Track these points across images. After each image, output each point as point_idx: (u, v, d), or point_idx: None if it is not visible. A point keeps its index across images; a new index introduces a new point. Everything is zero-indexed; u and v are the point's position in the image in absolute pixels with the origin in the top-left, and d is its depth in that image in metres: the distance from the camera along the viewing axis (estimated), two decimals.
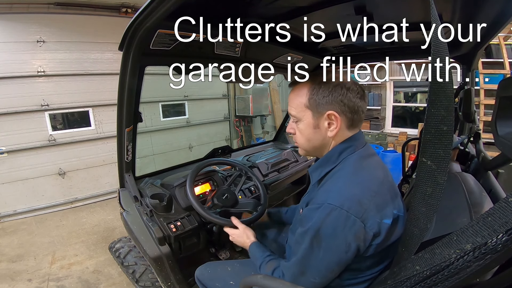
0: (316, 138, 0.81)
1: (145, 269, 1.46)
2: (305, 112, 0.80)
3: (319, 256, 0.70)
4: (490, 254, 0.36)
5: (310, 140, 0.82)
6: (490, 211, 0.36)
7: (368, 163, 0.78)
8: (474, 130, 1.43)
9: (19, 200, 3.18)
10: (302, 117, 0.81)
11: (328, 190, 0.74)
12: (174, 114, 4.57)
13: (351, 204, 0.66)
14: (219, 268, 1.15)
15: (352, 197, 0.67)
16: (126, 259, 1.52)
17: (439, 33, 0.40)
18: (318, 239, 0.69)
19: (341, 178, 0.75)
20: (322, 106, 0.77)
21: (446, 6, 0.95)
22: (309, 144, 0.84)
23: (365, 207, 0.67)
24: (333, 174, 0.78)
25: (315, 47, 1.55)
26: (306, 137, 0.82)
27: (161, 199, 1.29)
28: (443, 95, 0.41)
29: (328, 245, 0.68)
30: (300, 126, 0.82)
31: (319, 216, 0.68)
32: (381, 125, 5.26)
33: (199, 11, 0.95)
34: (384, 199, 0.71)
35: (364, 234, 0.66)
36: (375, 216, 0.67)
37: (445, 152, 0.42)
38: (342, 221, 0.65)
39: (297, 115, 0.82)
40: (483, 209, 0.74)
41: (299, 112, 0.81)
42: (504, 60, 3.81)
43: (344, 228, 0.65)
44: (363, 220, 0.66)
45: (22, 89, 3.04)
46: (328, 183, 0.77)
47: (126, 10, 3.53)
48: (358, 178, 0.73)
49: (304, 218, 0.75)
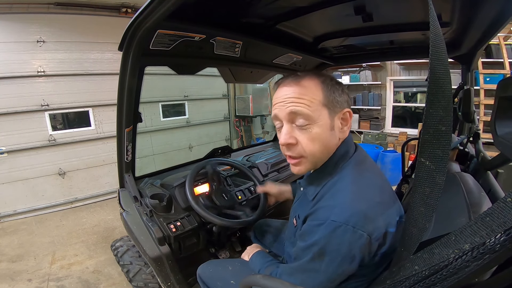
0: (332, 142, 0.70)
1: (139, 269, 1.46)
2: (322, 111, 0.67)
3: (320, 269, 0.66)
4: (489, 254, 0.36)
5: (327, 147, 0.69)
6: (489, 211, 0.36)
7: (365, 169, 0.74)
8: (474, 130, 1.43)
9: (19, 200, 3.19)
10: (318, 117, 0.67)
11: (330, 205, 0.66)
12: (174, 114, 4.58)
13: (357, 219, 0.62)
14: (220, 267, 1.14)
15: (357, 212, 0.62)
16: (123, 258, 1.53)
17: (437, 33, 0.41)
18: (321, 253, 0.65)
19: (342, 191, 0.67)
20: (340, 104, 0.69)
21: (446, 6, 0.95)
22: (323, 152, 0.70)
23: (371, 220, 0.63)
24: (331, 186, 0.70)
25: (315, 47, 1.55)
26: (322, 143, 0.68)
27: (161, 199, 1.29)
28: (442, 96, 0.41)
29: (332, 259, 0.64)
30: (314, 130, 0.67)
31: (323, 233, 0.63)
32: (381, 125, 5.26)
33: (199, 11, 0.95)
34: (387, 207, 0.68)
35: (370, 246, 0.63)
36: (380, 227, 0.64)
37: (444, 152, 0.42)
38: (348, 237, 0.61)
39: (312, 115, 0.66)
40: (482, 209, 0.74)
41: (314, 111, 0.66)
42: (504, 60, 3.81)
43: (350, 242, 0.62)
44: (370, 233, 0.62)
45: (22, 89, 3.04)
46: (327, 197, 0.69)
47: (126, 10, 3.54)
48: (360, 189, 0.67)
49: (305, 233, 0.69)
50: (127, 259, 1.51)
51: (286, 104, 0.68)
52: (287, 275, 0.75)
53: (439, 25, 0.41)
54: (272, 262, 0.96)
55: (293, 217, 0.85)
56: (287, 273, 0.75)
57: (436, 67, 0.40)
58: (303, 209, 0.78)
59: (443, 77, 0.41)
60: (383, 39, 1.43)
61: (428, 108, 0.42)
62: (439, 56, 0.40)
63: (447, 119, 0.41)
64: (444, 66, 0.40)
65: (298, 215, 0.81)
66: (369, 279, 0.74)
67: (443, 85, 0.41)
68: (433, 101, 0.41)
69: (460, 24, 1.09)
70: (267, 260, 0.98)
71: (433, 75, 0.41)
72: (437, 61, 0.40)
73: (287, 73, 1.82)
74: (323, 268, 0.65)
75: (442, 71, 0.40)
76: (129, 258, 1.51)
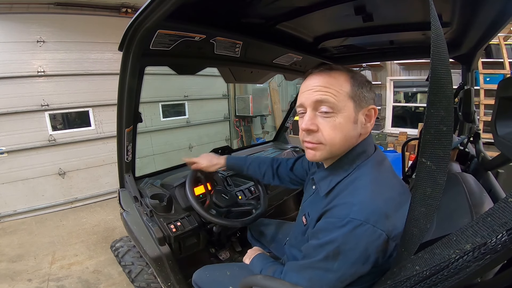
0: (352, 136, 0.71)
1: (141, 269, 1.46)
2: (347, 103, 0.69)
3: (332, 268, 0.65)
4: (490, 254, 0.36)
5: (347, 139, 0.71)
6: (490, 211, 0.36)
7: (384, 169, 0.74)
8: (474, 130, 1.43)
9: (19, 200, 3.19)
10: (342, 107, 0.68)
11: (350, 203, 0.65)
12: (174, 114, 4.58)
13: (378, 217, 0.61)
14: (217, 272, 1.12)
15: (378, 210, 0.62)
16: (124, 259, 1.52)
17: (439, 33, 0.40)
18: (336, 253, 0.63)
19: (361, 189, 0.67)
20: (366, 100, 0.71)
21: (446, 6, 0.95)
22: (342, 144, 0.71)
23: (391, 219, 0.62)
24: (349, 183, 0.70)
25: (315, 47, 1.54)
26: (343, 134, 0.70)
27: (161, 199, 1.29)
28: (443, 96, 0.41)
29: (346, 258, 0.63)
30: (337, 120, 0.69)
31: (342, 231, 0.62)
32: (381, 125, 5.26)
33: (199, 11, 0.95)
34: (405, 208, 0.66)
35: (386, 246, 0.63)
36: (399, 227, 0.62)
37: (445, 153, 0.42)
38: (368, 236, 0.61)
39: (337, 104, 0.68)
40: (484, 210, 0.73)
41: (340, 101, 0.68)
42: (504, 60, 3.82)
43: (368, 242, 0.61)
44: (388, 232, 0.62)
45: (22, 89, 3.04)
46: (346, 194, 0.69)
47: (126, 10, 3.54)
48: (380, 188, 0.67)
49: (320, 231, 0.68)
50: (129, 260, 1.51)
51: (314, 93, 0.70)
52: (294, 272, 0.73)
53: (440, 25, 0.41)
54: (274, 263, 0.95)
55: (302, 215, 0.84)
56: (295, 270, 0.73)
57: (437, 67, 0.40)
58: (314, 207, 0.77)
59: (444, 77, 0.40)
60: (383, 39, 1.43)
61: (429, 108, 0.42)
62: (440, 56, 0.40)
63: (448, 119, 0.41)
64: (445, 66, 0.40)
65: (308, 213, 0.80)
66: (371, 282, 0.73)
67: (444, 85, 0.41)
68: (434, 101, 0.41)
69: (461, 24, 1.09)
70: (269, 261, 0.97)
71: (434, 75, 0.41)
72: (438, 61, 0.40)
73: (287, 73, 1.82)
74: (335, 268, 0.64)
75: (443, 71, 0.40)
76: (130, 259, 1.51)
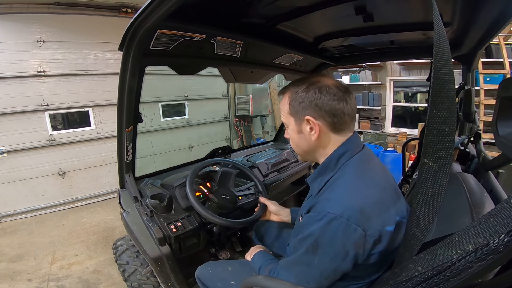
0: (302, 143, 0.83)
1: (135, 269, 1.45)
2: (289, 119, 0.82)
3: (314, 263, 0.68)
4: (492, 255, 0.36)
5: (298, 145, 0.85)
6: (492, 212, 0.36)
7: (368, 168, 0.77)
8: (474, 130, 1.43)
9: (19, 200, 3.18)
10: (288, 123, 0.83)
11: (328, 198, 0.71)
12: (174, 114, 4.57)
13: (352, 212, 0.64)
14: (220, 268, 1.14)
15: (353, 205, 0.65)
16: (121, 257, 1.52)
17: (441, 33, 0.40)
18: (315, 246, 0.68)
19: (341, 185, 0.72)
20: (300, 112, 0.78)
21: (447, 6, 0.95)
22: (298, 149, 0.86)
23: (367, 215, 0.65)
24: (333, 181, 0.76)
25: (315, 47, 1.54)
26: (294, 142, 0.85)
27: (161, 199, 1.29)
28: (445, 96, 0.41)
29: (325, 253, 0.67)
30: (289, 132, 0.85)
31: (319, 225, 0.67)
32: (381, 125, 5.26)
33: (199, 11, 0.95)
34: (386, 206, 0.70)
35: (364, 242, 0.65)
36: (377, 224, 0.66)
37: (447, 153, 0.42)
38: (342, 230, 0.64)
39: (285, 122, 0.85)
40: (484, 210, 0.73)
41: (285, 119, 0.84)
42: (504, 60, 3.81)
43: (343, 236, 0.64)
44: (364, 228, 0.64)
45: (22, 89, 3.04)
46: (328, 191, 0.75)
47: (126, 10, 3.53)
48: (359, 184, 0.71)
49: (303, 225, 0.73)
50: (125, 259, 1.50)
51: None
52: (284, 269, 0.78)
53: (442, 25, 0.40)
54: (273, 261, 0.96)
55: (300, 215, 0.88)
56: (284, 267, 0.78)
57: (440, 67, 0.40)
58: (308, 203, 0.83)
59: (447, 77, 0.40)
60: (384, 39, 1.43)
61: (431, 108, 0.42)
62: (443, 56, 0.40)
63: (451, 119, 0.41)
64: (448, 66, 0.40)
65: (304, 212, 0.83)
66: (369, 282, 0.74)
67: (446, 85, 0.40)
68: (437, 102, 0.41)
69: (461, 24, 1.09)
70: (268, 258, 0.98)
71: (437, 75, 0.40)
72: (441, 61, 0.40)
73: (287, 73, 1.82)
74: (316, 262, 0.68)
75: (446, 71, 0.40)
76: (126, 258, 1.49)
